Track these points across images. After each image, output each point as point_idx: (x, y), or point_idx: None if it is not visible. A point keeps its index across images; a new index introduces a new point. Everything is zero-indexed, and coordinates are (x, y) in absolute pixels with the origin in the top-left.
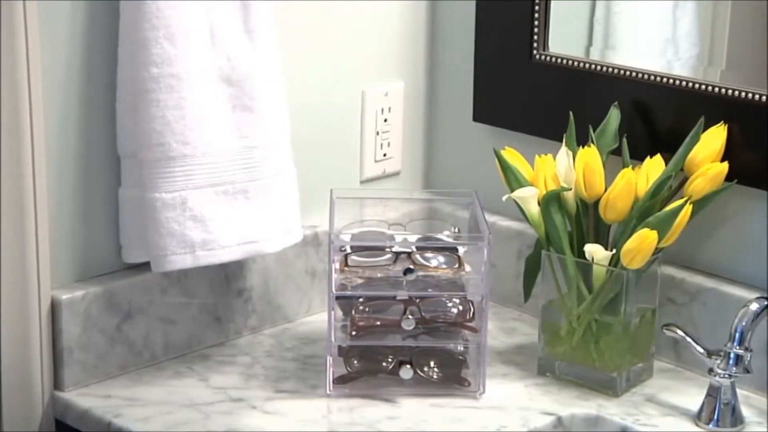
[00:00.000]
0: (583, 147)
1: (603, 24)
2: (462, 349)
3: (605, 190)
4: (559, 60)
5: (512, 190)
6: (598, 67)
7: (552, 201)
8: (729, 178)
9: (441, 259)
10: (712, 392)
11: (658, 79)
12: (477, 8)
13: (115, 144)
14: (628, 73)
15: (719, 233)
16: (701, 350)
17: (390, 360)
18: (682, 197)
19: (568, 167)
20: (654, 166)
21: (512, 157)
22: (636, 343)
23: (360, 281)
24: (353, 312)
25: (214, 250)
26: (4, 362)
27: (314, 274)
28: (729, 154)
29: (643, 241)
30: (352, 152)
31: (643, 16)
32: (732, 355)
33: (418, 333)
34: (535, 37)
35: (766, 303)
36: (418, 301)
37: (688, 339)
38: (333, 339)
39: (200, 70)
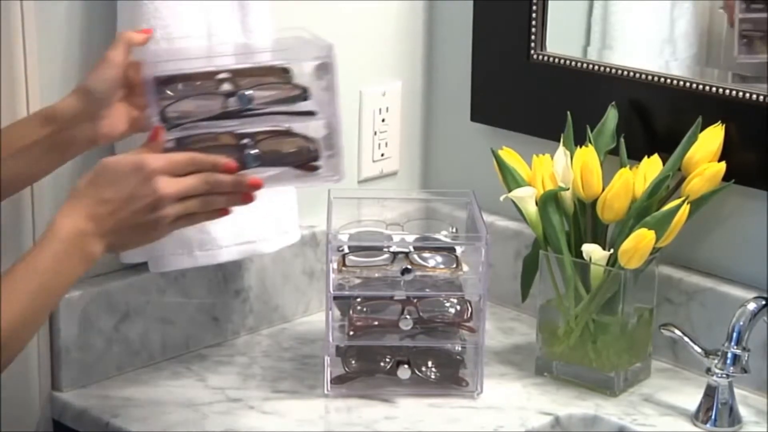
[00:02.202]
0: (580, 147)
1: (601, 24)
2: (460, 349)
3: (603, 189)
4: (556, 60)
5: (510, 190)
6: (596, 67)
7: (550, 201)
8: (726, 177)
9: (439, 259)
10: (710, 392)
11: (656, 79)
12: (474, 8)
13: (114, 144)
14: (625, 73)
15: (717, 233)
16: (699, 350)
17: (388, 360)
18: (680, 197)
19: (565, 167)
20: (651, 166)
21: (510, 157)
22: (634, 342)
23: (358, 281)
24: (351, 312)
25: (212, 250)
26: None
27: (312, 274)
28: (726, 153)
29: (640, 241)
30: (349, 152)
31: (641, 16)
32: (730, 355)
33: (415, 333)
34: (533, 37)
35: (763, 302)
36: (415, 301)
37: (686, 339)
38: (331, 339)
39: None
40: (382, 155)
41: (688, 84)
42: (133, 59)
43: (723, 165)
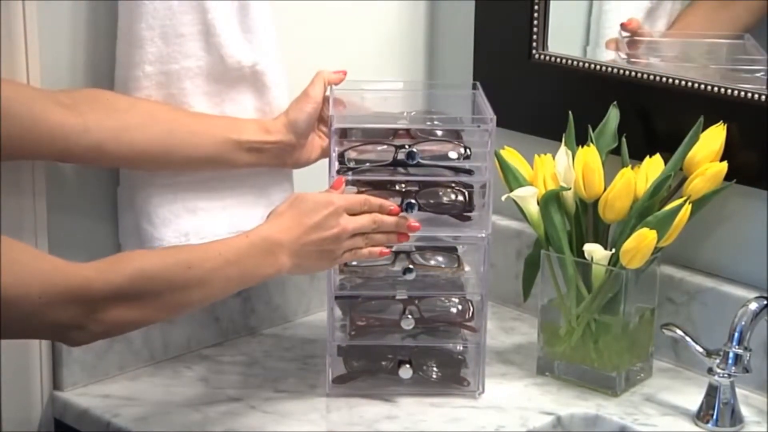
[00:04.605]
0: (582, 147)
1: (596, 23)
2: (461, 348)
3: (604, 189)
4: (558, 60)
5: (511, 190)
6: (598, 67)
7: (551, 201)
8: (728, 177)
9: (440, 258)
10: (712, 392)
11: (658, 78)
12: (476, 8)
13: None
14: (627, 72)
15: (718, 233)
16: (700, 350)
17: (389, 359)
18: (681, 197)
19: (567, 167)
20: (653, 166)
21: (511, 156)
22: (635, 342)
23: (359, 281)
24: (352, 312)
25: (207, 238)
26: (4, 362)
27: (313, 273)
28: (728, 153)
29: (642, 241)
30: None
31: (631, 14)
32: (731, 355)
33: (417, 332)
34: (535, 36)
35: (765, 302)
36: (417, 300)
37: (687, 338)
38: (332, 339)
39: (196, 69)
40: None
41: (689, 84)
42: (327, 95)
43: (724, 165)
